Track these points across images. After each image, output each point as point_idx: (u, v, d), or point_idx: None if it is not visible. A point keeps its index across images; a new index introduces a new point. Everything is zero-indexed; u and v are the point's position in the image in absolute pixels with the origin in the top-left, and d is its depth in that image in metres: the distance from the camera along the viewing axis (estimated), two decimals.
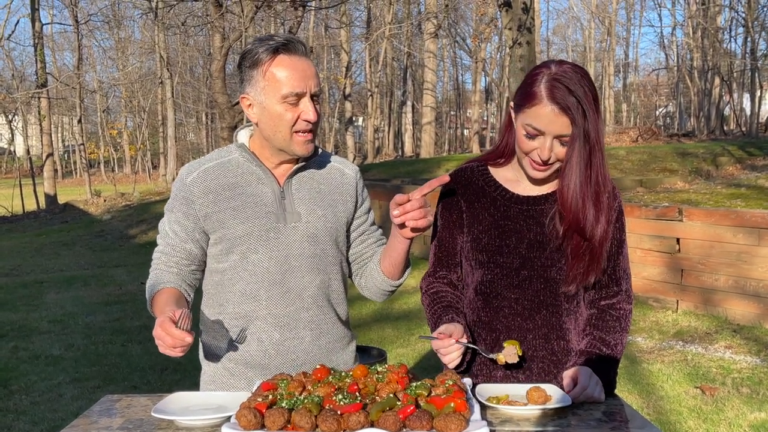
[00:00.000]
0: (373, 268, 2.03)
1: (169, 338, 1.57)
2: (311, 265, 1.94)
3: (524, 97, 1.76)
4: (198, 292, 2.00)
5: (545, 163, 1.77)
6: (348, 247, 2.07)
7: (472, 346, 1.78)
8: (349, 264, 2.10)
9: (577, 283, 1.84)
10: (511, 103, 1.85)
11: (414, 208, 1.72)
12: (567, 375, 1.73)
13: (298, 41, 1.87)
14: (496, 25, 25.71)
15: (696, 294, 6.34)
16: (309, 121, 1.85)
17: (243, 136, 2.00)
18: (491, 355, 1.80)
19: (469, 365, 1.89)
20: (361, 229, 2.09)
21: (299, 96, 1.83)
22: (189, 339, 1.57)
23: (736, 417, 4.21)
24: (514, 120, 1.83)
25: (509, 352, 1.76)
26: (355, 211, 2.06)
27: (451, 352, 1.71)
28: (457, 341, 1.71)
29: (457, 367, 1.81)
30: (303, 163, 1.96)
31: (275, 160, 1.94)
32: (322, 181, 2.00)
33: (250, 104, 1.89)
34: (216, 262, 1.94)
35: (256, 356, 1.91)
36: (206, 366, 2.00)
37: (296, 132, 1.86)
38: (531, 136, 1.75)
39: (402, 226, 1.78)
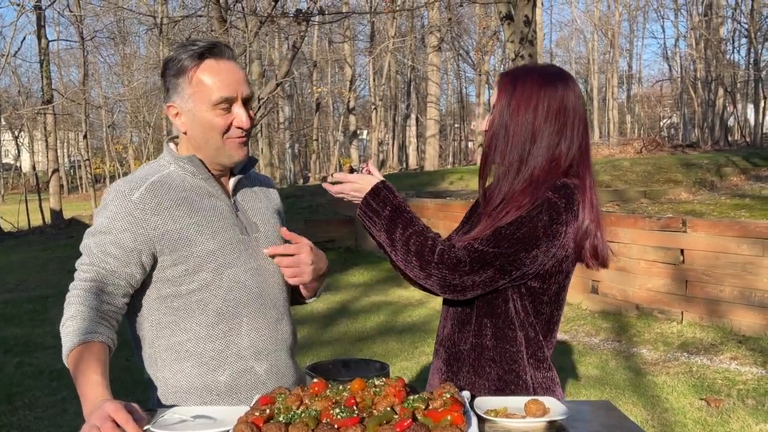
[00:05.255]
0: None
1: None
2: (278, 273, 1.92)
3: None
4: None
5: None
6: None
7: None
8: None
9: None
10: None
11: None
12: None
13: (224, 45, 1.81)
14: (499, 38, 25.79)
15: (701, 305, 6.31)
16: (242, 128, 1.79)
17: (174, 148, 1.88)
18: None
19: None
20: None
21: (230, 101, 1.77)
22: None
23: (741, 429, 4.18)
24: None
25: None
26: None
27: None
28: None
29: None
30: (240, 177, 1.90)
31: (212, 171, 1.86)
32: (259, 193, 1.99)
33: (177, 113, 1.78)
34: (175, 285, 1.77)
35: (242, 379, 1.84)
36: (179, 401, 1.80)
37: (228, 138, 1.79)
38: None
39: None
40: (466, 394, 1.63)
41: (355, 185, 1.83)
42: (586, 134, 1.83)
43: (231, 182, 1.89)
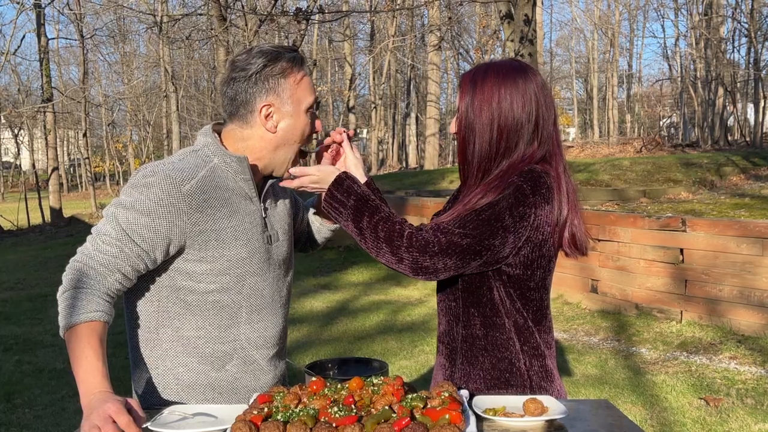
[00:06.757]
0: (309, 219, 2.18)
1: None
2: (287, 283, 1.97)
3: None
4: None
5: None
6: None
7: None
8: None
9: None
10: None
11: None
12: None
13: None
14: (499, 37, 25.78)
15: (700, 304, 6.31)
16: (317, 131, 1.87)
17: (218, 138, 1.83)
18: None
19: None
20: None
21: (314, 107, 1.85)
22: None
23: (740, 428, 4.18)
24: None
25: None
26: (296, 219, 2.13)
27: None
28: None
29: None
30: (273, 181, 1.90)
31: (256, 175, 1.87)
32: (279, 197, 1.98)
33: (270, 113, 1.78)
34: (193, 281, 1.76)
35: (245, 380, 1.86)
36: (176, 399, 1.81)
37: (302, 148, 1.86)
38: None
39: None
40: (464, 392, 1.63)
41: (313, 177, 1.83)
42: (554, 123, 1.82)
43: (267, 185, 1.88)
